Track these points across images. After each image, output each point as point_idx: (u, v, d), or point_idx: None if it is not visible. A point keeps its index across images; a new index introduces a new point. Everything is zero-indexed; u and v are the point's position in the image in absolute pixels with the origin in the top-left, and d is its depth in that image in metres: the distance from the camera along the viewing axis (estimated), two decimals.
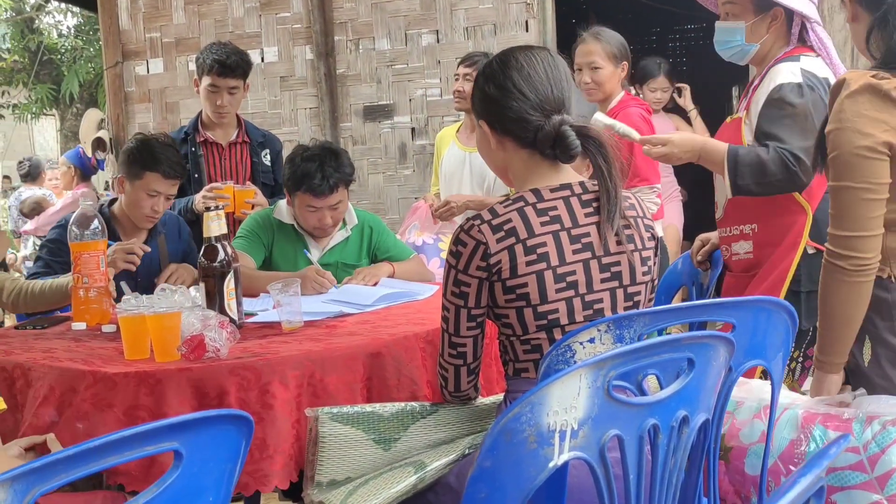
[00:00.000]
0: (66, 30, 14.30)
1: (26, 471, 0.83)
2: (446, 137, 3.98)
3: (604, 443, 1.19)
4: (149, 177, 2.86)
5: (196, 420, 0.98)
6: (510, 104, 1.74)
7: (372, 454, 1.83)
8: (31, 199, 6.57)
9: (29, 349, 2.14)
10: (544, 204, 1.71)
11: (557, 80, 1.74)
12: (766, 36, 2.51)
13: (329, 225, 2.94)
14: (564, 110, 1.74)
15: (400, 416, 1.86)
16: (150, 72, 5.64)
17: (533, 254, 1.67)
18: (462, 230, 1.71)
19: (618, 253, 1.72)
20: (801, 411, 1.89)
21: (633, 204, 1.80)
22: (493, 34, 5.07)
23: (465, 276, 1.71)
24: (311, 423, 1.82)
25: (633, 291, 1.74)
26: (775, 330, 1.62)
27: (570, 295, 1.69)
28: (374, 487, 1.75)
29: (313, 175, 2.82)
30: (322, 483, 1.80)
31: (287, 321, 2.23)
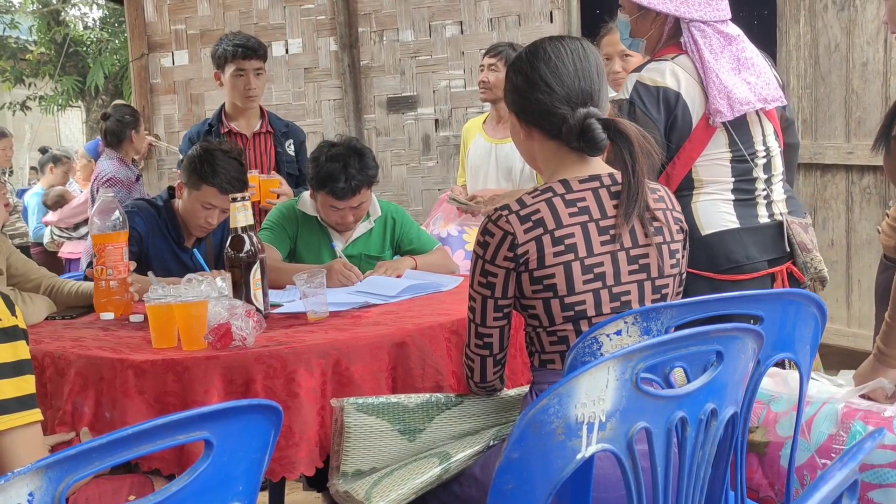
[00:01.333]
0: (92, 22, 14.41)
1: (60, 459, 0.84)
2: (473, 129, 3.97)
3: (632, 435, 1.19)
4: (206, 190, 2.83)
5: (226, 410, 0.98)
6: (536, 96, 1.74)
7: (397, 445, 1.84)
8: (55, 192, 6.63)
9: (58, 338, 2.17)
10: (573, 195, 1.70)
11: (586, 71, 1.73)
12: (651, 31, 2.47)
13: (351, 223, 2.94)
14: (592, 102, 1.72)
15: (425, 407, 1.87)
16: (175, 64, 5.66)
17: (561, 245, 1.67)
18: (490, 220, 1.71)
19: (646, 245, 1.71)
20: (842, 406, 1.88)
21: (663, 196, 1.79)
22: (518, 25, 5.05)
23: (493, 267, 1.71)
24: (337, 414, 1.82)
25: (660, 284, 1.73)
26: (804, 322, 1.60)
27: (597, 287, 1.68)
28: (398, 478, 1.76)
29: (337, 177, 2.80)
30: (347, 473, 1.81)
31: (312, 311, 2.24)
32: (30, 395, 1.51)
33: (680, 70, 2.38)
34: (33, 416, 1.51)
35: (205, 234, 2.99)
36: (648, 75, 2.39)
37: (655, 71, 2.39)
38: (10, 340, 1.50)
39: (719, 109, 2.35)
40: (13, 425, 1.48)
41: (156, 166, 5.72)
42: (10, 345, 1.50)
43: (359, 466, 1.82)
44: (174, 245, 2.95)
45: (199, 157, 2.86)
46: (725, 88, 2.35)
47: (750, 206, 2.43)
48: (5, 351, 1.49)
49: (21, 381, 1.51)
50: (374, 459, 1.83)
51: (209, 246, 3.05)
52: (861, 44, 4.18)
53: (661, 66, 2.39)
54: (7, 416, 1.47)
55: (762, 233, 2.42)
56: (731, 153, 2.41)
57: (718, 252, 2.37)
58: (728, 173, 2.41)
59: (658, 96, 2.35)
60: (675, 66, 2.39)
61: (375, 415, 1.83)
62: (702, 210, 2.40)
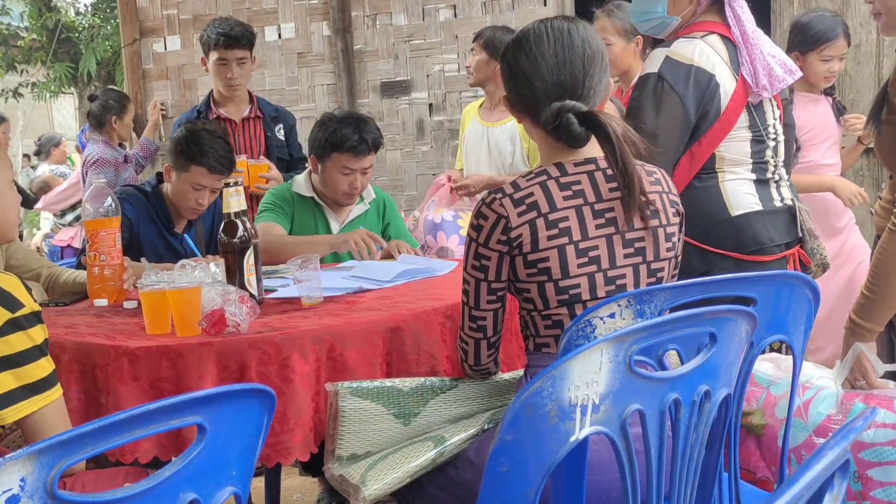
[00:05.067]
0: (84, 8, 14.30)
1: (53, 444, 0.83)
2: (469, 113, 3.96)
3: (625, 417, 1.19)
4: (194, 170, 2.84)
5: (219, 394, 0.98)
6: (518, 88, 1.74)
7: (392, 428, 1.84)
8: (39, 179, 6.61)
9: (52, 325, 2.16)
10: (567, 178, 1.69)
11: (568, 62, 1.69)
12: (688, 7, 2.43)
13: (358, 190, 2.97)
14: (572, 94, 1.69)
15: (420, 390, 1.87)
16: (167, 49, 5.64)
17: (555, 228, 1.66)
18: (483, 203, 1.71)
19: (641, 229, 1.71)
20: (842, 389, 1.89)
21: (659, 179, 1.78)
22: (511, 8, 5.03)
23: (486, 250, 1.70)
24: (332, 398, 1.83)
25: (656, 268, 1.73)
26: (797, 304, 1.61)
27: (592, 270, 1.68)
28: (393, 461, 1.76)
29: (351, 135, 2.87)
30: (343, 457, 1.82)
31: (307, 297, 2.23)
32: (53, 373, 1.66)
33: (709, 49, 2.36)
34: (58, 392, 1.66)
35: (196, 217, 2.98)
36: (680, 51, 2.35)
37: (687, 48, 2.36)
38: (39, 323, 1.64)
39: (764, 85, 2.35)
40: (47, 402, 1.63)
41: None
42: (40, 327, 1.64)
43: (354, 450, 1.82)
44: (164, 230, 2.95)
45: (185, 138, 2.87)
46: (768, 64, 2.35)
47: (766, 189, 2.44)
48: (38, 333, 1.63)
49: (46, 360, 1.65)
50: (369, 443, 1.83)
51: (199, 231, 3.05)
52: (854, 26, 4.17)
53: (691, 43, 2.37)
54: (40, 395, 1.62)
55: (779, 216, 2.43)
56: (752, 134, 2.41)
57: (745, 233, 2.37)
58: (748, 154, 2.41)
59: (689, 74, 2.32)
60: (705, 44, 2.36)
61: (370, 399, 1.83)
62: (730, 190, 2.39)
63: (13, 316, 1.60)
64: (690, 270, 2.28)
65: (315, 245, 2.80)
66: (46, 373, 1.65)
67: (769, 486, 1.94)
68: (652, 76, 2.34)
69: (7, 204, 1.81)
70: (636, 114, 2.36)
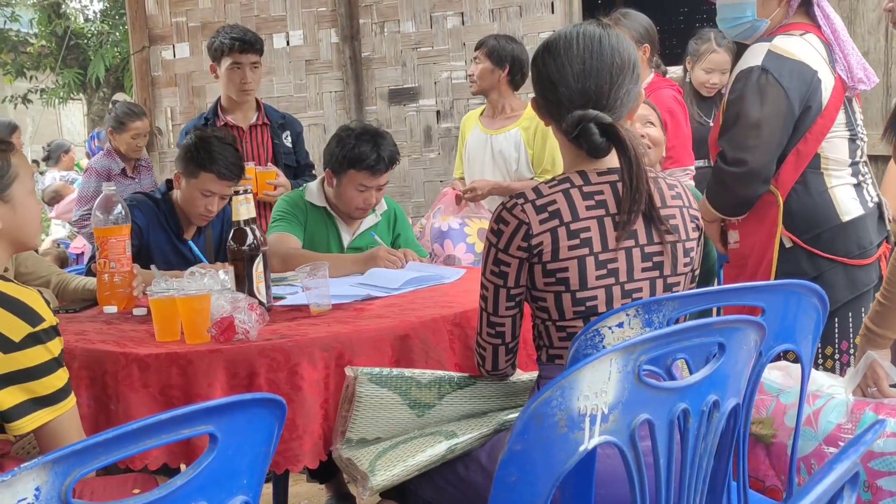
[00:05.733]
0: (93, 14, 14.35)
1: (67, 453, 0.84)
2: (470, 121, 3.97)
3: (634, 427, 1.19)
4: (204, 177, 2.84)
5: (230, 404, 0.99)
6: (544, 92, 1.73)
7: (405, 418, 1.85)
8: (51, 188, 6.64)
9: (63, 331, 2.14)
10: (590, 187, 1.67)
11: (594, 70, 1.66)
12: (777, 9, 2.45)
13: (372, 204, 2.97)
14: (596, 104, 1.66)
15: (437, 383, 1.87)
16: (176, 56, 5.66)
17: (576, 238, 1.64)
18: (505, 208, 1.68)
19: (661, 243, 1.68)
20: (853, 398, 1.89)
21: (680, 193, 1.75)
22: (519, 16, 5.04)
23: (506, 256, 1.69)
24: (349, 381, 1.83)
25: (672, 282, 1.72)
26: (805, 313, 1.61)
27: (610, 283, 1.66)
28: (402, 452, 1.77)
29: (370, 153, 2.86)
30: (352, 440, 1.82)
31: (315, 304, 2.24)
32: (68, 383, 1.71)
33: (810, 46, 2.39)
34: (73, 401, 1.71)
35: (205, 223, 2.99)
36: (782, 46, 2.37)
37: (789, 43, 2.38)
38: (57, 336, 1.69)
39: (862, 79, 2.39)
40: (62, 412, 1.67)
41: (157, 159, 5.72)
42: (58, 339, 1.68)
43: (364, 435, 1.83)
44: (174, 237, 2.96)
45: (194, 145, 2.87)
46: (861, 60, 2.40)
47: (861, 190, 2.47)
48: (56, 346, 1.68)
49: (62, 371, 1.70)
50: (381, 430, 1.84)
51: (208, 238, 3.05)
52: (862, 33, 4.17)
53: (792, 39, 2.39)
54: (56, 405, 1.67)
55: (872, 216, 2.47)
56: (849, 132, 2.44)
57: (852, 238, 2.41)
58: (847, 154, 2.44)
59: (793, 68, 2.35)
60: (806, 41, 2.39)
61: (388, 387, 1.83)
62: (839, 196, 2.42)
63: (34, 330, 1.64)
64: (801, 274, 2.33)
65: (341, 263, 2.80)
66: (62, 383, 1.69)
67: (778, 495, 1.93)
68: (756, 69, 2.36)
69: (30, 213, 1.83)
70: (739, 106, 2.37)
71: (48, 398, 1.66)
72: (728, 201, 2.45)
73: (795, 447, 1.72)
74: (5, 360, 1.61)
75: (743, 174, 2.37)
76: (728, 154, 2.40)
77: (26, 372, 1.63)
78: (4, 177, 1.77)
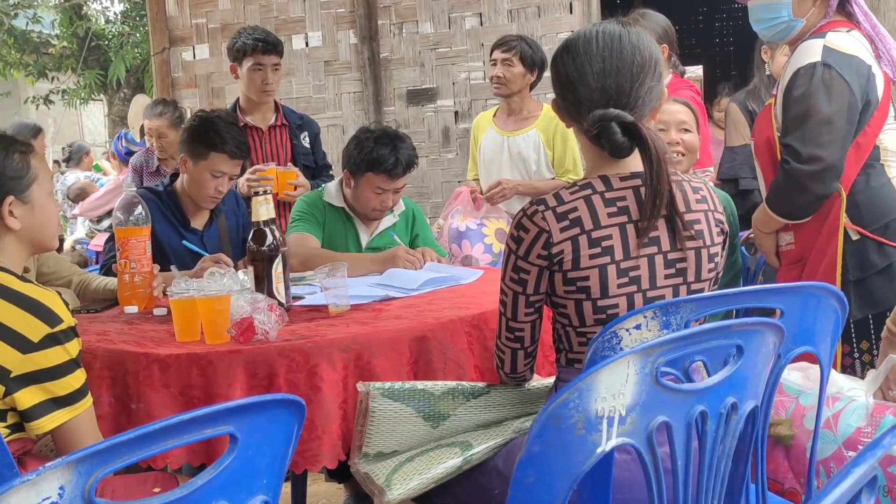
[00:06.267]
0: (114, 16, 14.47)
1: (90, 453, 0.85)
2: (482, 123, 3.98)
3: (651, 429, 1.19)
4: (214, 157, 2.83)
5: (251, 404, 1.00)
6: (564, 94, 1.70)
7: (420, 430, 1.85)
8: (77, 186, 6.70)
9: (84, 332, 2.18)
10: (612, 193, 1.64)
11: (614, 69, 1.63)
12: (812, 9, 2.43)
13: (389, 207, 2.99)
14: (617, 103, 1.63)
15: (451, 395, 1.87)
16: (196, 57, 5.70)
17: (597, 247, 1.62)
18: (525, 215, 1.66)
19: (685, 249, 1.65)
20: (873, 401, 1.88)
21: (705, 196, 1.72)
22: (537, 16, 5.04)
23: (525, 263, 1.66)
24: (362, 397, 1.83)
25: (696, 288, 1.69)
26: (825, 316, 1.60)
27: (631, 290, 1.64)
28: (419, 465, 1.77)
29: (388, 157, 2.86)
30: (369, 454, 1.83)
31: (334, 305, 2.25)
32: (85, 383, 1.74)
33: (859, 42, 2.39)
34: (89, 401, 1.75)
35: (214, 205, 2.96)
36: (836, 42, 2.37)
37: (842, 39, 2.38)
38: (75, 337, 1.71)
39: None
40: (79, 412, 1.71)
41: None
42: (76, 340, 1.71)
43: (381, 449, 1.83)
44: (180, 228, 2.95)
45: (201, 126, 2.87)
46: None
47: None
48: (74, 346, 1.70)
49: (80, 372, 1.72)
50: (397, 443, 1.84)
51: (222, 228, 3.04)
52: None
53: (843, 35, 2.39)
54: (74, 405, 1.70)
55: None
56: None
57: None
58: None
59: (851, 63, 2.35)
60: (853, 38, 2.39)
61: (401, 400, 1.83)
62: None
63: (52, 331, 1.66)
64: (870, 266, 2.35)
65: (360, 263, 2.81)
66: (80, 384, 1.71)
67: (797, 498, 1.92)
68: (817, 65, 2.35)
69: (48, 214, 1.85)
70: (807, 102, 2.36)
71: (66, 398, 1.69)
72: (801, 202, 2.42)
73: (815, 450, 1.71)
74: (25, 361, 1.64)
75: (819, 171, 2.35)
76: (802, 152, 2.35)
77: (45, 372, 1.66)
78: (24, 178, 1.78)
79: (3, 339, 1.63)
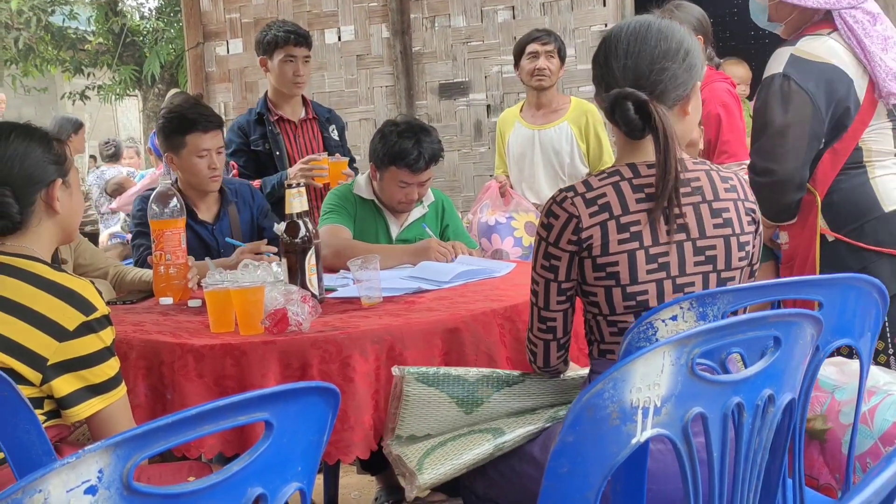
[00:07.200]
0: (148, 12, 14.62)
1: (128, 437, 0.86)
2: (509, 118, 3.97)
3: (687, 420, 1.18)
4: (190, 139, 2.85)
5: (286, 391, 1.00)
6: (597, 82, 1.75)
7: (453, 415, 1.85)
8: (115, 180, 6.78)
9: (120, 322, 2.21)
10: (640, 180, 1.66)
11: (635, 52, 1.66)
12: (792, 15, 2.43)
13: (415, 200, 2.99)
14: (634, 84, 1.64)
15: (485, 381, 1.87)
16: (229, 52, 5.74)
17: (626, 232, 1.63)
18: (554, 202, 1.69)
19: (714, 236, 1.67)
20: None
21: (735, 186, 1.73)
22: (570, 9, 5.02)
23: (556, 250, 1.68)
24: (397, 381, 1.84)
25: (727, 276, 1.69)
26: (865, 308, 1.58)
27: (661, 277, 1.65)
28: (451, 450, 1.78)
29: (410, 151, 2.85)
30: (401, 437, 1.84)
31: (366, 297, 2.26)
32: (119, 372, 1.76)
33: (838, 46, 2.36)
34: (124, 390, 1.77)
35: (218, 185, 2.97)
36: (806, 49, 2.35)
37: (813, 46, 2.35)
38: (109, 325, 1.73)
39: (892, 91, 2.35)
40: (114, 400, 1.73)
41: None
42: (110, 329, 1.73)
43: (413, 432, 1.84)
44: (189, 221, 2.96)
45: (167, 120, 2.90)
46: (892, 70, 2.35)
47: None
48: (108, 335, 1.73)
49: (114, 360, 1.75)
50: (429, 427, 1.85)
51: (233, 219, 3.01)
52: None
53: (817, 41, 2.37)
54: (108, 393, 1.73)
55: None
56: (891, 122, 2.41)
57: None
58: (892, 143, 2.41)
59: (820, 71, 2.33)
60: (832, 41, 2.36)
61: (435, 385, 1.84)
62: (882, 186, 2.39)
63: (87, 319, 1.68)
64: (845, 268, 2.30)
65: (393, 254, 2.82)
66: (114, 372, 1.74)
67: (833, 493, 1.90)
68: (777, 76, 2.35)
69: (79, 203, 1.89)
70: (763, 114, 2.37)
71: (101, 386, 1.71)
72: (770, 210, 2.42)
73: (853, 444, 1.69)
74: (61, 349, 1.66)
75: (773, 183, 2.37)
76: (757, 164, 2.40)
77: (80, 360, 1.68)
78: (66, 163, 1.83)
79: (39, 327, 1.66)
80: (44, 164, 1.77)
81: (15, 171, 1.73)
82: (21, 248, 1.76)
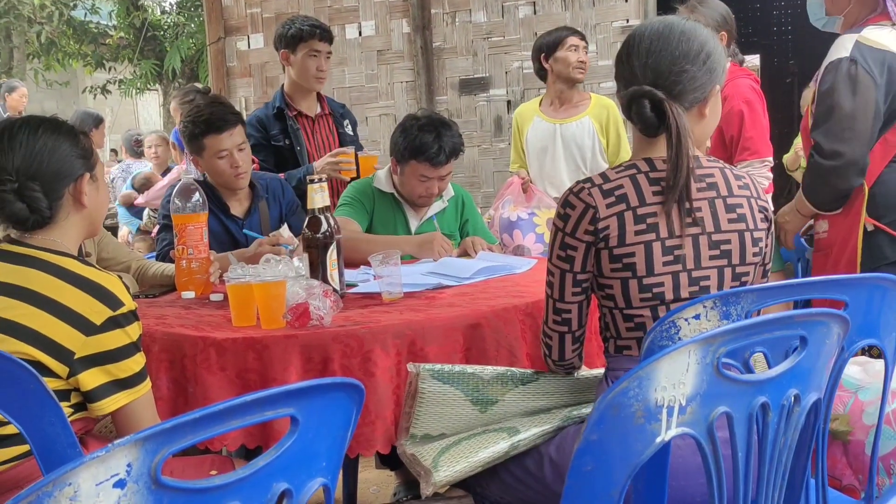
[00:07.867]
0: (169, 6, 14.69)
1: (156, 431, 0.87)
2: (527, 113, 3.96)
3: (712, 420, 1.18)
4: (208, 141, 2.86)
5: (311, 387, 1.00)
6: (618, 80, 1.77)
7: (468, 414, 1.86)
8: (142, 175, 6.82)
9: (143, 316, 2.21)
10: (657, 174, 1.68)
11: (655, 52, 1.67)
12: (849, 6, 2.44)
13: (435, 194, 2.99)
14: (653, 82, 1.66)
15: (500, 380, 1.88)
16: (251, 47, 5.75)
17: (643, 223, 1.65)
18: (572, 193, 1.71)
19: (729, 231, 1.69)
20: None
21: (748, 184, 1.75)
22: (592, 5, 5.00)
23: (573, 240, 1.70)
24: (412, 378, 1.85)
25: (741, 272, 1.71)
26: (890, 308, 1.56)
27: (677, 269, 1.66)
28: (466, 449, 1.78)
29: (431, 145, 2.87)
30: (416, 436, 1.84)
31: (387, 292, 2.26)
32: (144, 367, 1.76)
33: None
34: (149, 385, 1.78)
35: (244, 181, 2.97)
36: (871, 37, 2.38)
37: (878, 34, 2.38)
38: (136, 321, 1.74)
39: None
40: (139, 395, 1.74)
41: None
42: (136, 324, 1.74)
43: (428, 431, 1.85)
44: (222, 216, 2.97)
45: (189, 123, 2.91)
46: None
47: None
48: (135, 330, 1.74)
49: (140, 356, 1.75)
50: (444, 426, 1.85)
51: (263, 215, 3.04)
52: None
53: (882, 30, 2.39)
54: (134, 388, 1.73)
55: None
56: None
57: None
58: None
59: (883, 59, 2.35)
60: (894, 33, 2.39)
61: (450, 383, 1.84)
62: None
63: (114, 314, 1.69)
64: (883, 259, 2.35)
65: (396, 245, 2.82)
66: (140, 367, 1.75)
67: (855, 494, 1.89)
68: (844, 60, 2.37)
69: (105, 196, 1.90)
70: (830, 97, 2.38)
71: (126, 381, 1.72)
72: (827, 196, 2.45)
73: (877, 445, 1.67)
74: (88, 343, 1.67)
75: (840, 166, 2.37)
76: (825, 147, 2.39)
77: (107, 355, 1.69)
78: (92, 157, 1.84)
79: (67, 320, 1.67)
80: (72, 158, 1.78)
81: (44, 166, 1.74)
82: (49, 243, 1.77)
